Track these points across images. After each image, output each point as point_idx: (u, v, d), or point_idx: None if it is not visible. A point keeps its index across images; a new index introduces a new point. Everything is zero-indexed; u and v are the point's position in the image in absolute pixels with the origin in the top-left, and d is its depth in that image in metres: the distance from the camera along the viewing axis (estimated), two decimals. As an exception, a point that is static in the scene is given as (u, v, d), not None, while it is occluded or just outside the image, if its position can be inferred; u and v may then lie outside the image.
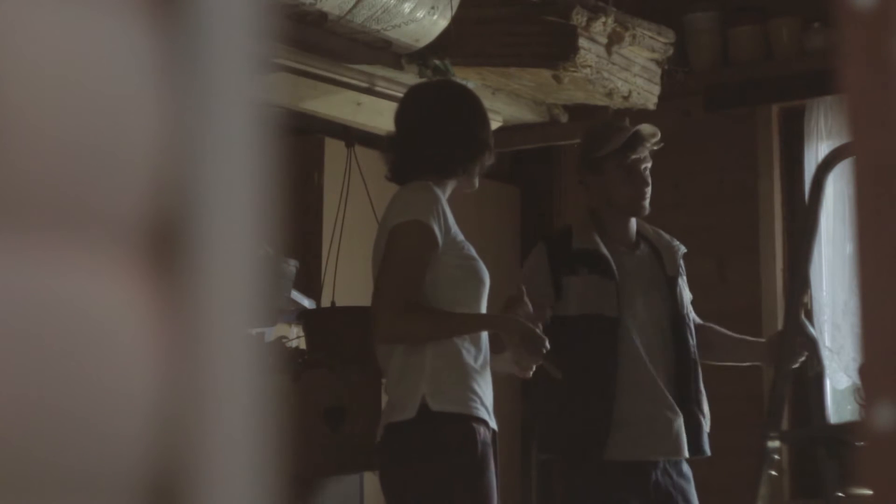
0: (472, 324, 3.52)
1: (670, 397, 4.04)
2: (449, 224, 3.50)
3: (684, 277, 4.20)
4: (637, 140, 4.15)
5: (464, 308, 3.52)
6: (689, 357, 4.09)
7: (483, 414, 3.47)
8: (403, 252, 3.46)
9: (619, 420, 4.00)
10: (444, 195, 3.57)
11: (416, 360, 3.44)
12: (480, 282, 3.55)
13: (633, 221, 4.20)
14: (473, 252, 3.57)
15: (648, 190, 4.12)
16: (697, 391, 4.10)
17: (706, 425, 4.09)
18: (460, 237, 3.55)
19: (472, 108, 3.69)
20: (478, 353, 3.51)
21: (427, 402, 3.41)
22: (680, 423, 4.03)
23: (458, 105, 3.67)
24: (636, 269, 4.11)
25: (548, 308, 3.94)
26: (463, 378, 3.45)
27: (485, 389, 3.50)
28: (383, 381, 3.65)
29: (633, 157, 4.12)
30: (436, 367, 3.43)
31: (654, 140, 4.17)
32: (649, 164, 4.16)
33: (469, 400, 3.45)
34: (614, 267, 4.06)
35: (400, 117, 3.71)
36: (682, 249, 4.23)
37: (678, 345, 4.08)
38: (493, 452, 3.52)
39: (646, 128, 4.17)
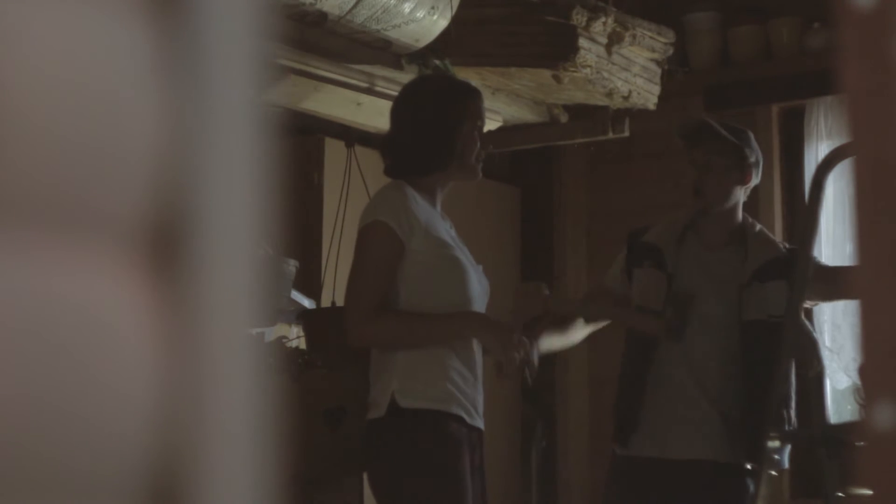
0: (440, 331, 3.45)
1: (716, 399, 4.01)
2: (420, 222, 3.47)
3: (788, 280, 3.95)
4: (689, 133, 4.19)
5: (446, 300, 3.49)
6: (758, 362, 3.96)
7: (457, 410, 3.41)
8: (367, 254, 3.46)
9: (647, 414, 4.03)
10: (433, 192, 3.55)
11: (389, 356, 3.43)
12: (461, 279, 3.50)
13: (734, 221, 4.16)
14: (457, 252, 3.54)
15: (702, 183, 4.11)
16: (764, 398, 3.96)
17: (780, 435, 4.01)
18: (438, 235, 3.51)
19: (458, 102, 3.65)
20: (460, 348, 3.48)
21: (396, 399, 3.40)
22: (721, 425, 4.00)
23: (438, 100, 3.64)
24: (708, 269, 4.10)
25: (610, 296, 4.19)
26: (437, 375, 3.41)
27: (463, 387, 3.44)
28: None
29: (694, 151, 4.16)
30: (408, 364, 3.41)
31: (709, 137, 4.14)
32: (714, 157, 4.12)
33: (442, 397, 3.40)
34: (669, 263, 4.09)
35: (391, 115, 3.70)
36: (787, 249, 4.14)
37: (747, 348, 4.01)
38: (477, 451, 3.48)
39: (694, 124, 4.22)
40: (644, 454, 4.04)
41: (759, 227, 4.19)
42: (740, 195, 4.16)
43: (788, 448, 3.96)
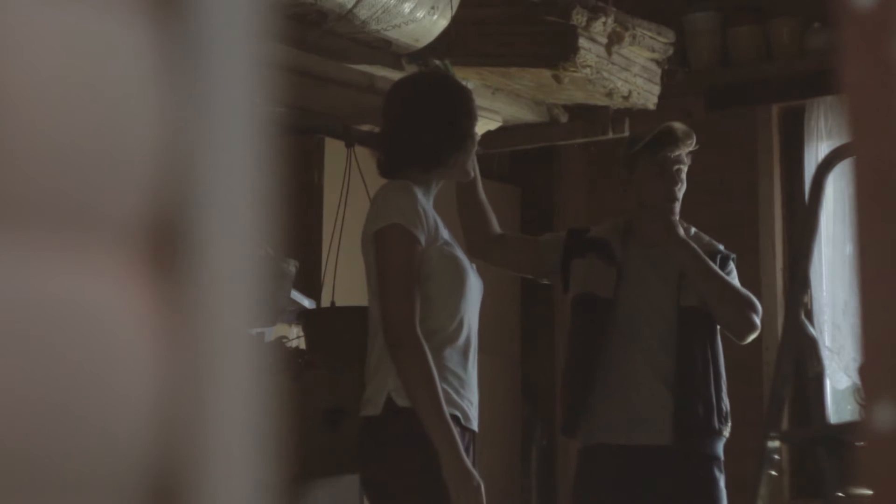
0: (443, 422, 3.34)
1: (662, 385, 4.08)
2: (429, 222, 3.47)
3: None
4: (668, 137, 4.21)
5: (444, 303, 3.48)
6: (691, 352, 4.10)
7: (452, 410, 3.40)
8: (397, 259, 3.42)
9: (597, 401, 4.10)
10: (428, 190, 3.55)
11: (386, 355, 3.42)
12: (461, 279, 3.50)
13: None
14: (457, 251, 3.54)
15: (678, 189, 4.18)
16: (695, 386, 4.11)
17: (708, 423, 4.09)
18: (442, 236, 3.51)
19: (453, 99, 3.65)
20: (458, 351, 3.47)
21: (392, 398, 3.39)
22: (662, 409, 4.06)
23: (438, 97, 3.64)
24: (650, 265, 4.17)
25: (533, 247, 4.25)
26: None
27: (458, 387, 3.45)
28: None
29: (663, 153, 4.17)
30: None
31: (688, 142, 4.21)
32: (684, 166, 4.20)
33: None
34: (617, 254, 4.14)
35: (384, 112, 3.70)
36: (720, 252, 4.25)
37: (682, 338, 4.10)
38: (469, 453, 3.45)
39: (679, 127, 4.23)
40: (609, 442, 4.10)
41: (693, 229, 4.27)
42: None
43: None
